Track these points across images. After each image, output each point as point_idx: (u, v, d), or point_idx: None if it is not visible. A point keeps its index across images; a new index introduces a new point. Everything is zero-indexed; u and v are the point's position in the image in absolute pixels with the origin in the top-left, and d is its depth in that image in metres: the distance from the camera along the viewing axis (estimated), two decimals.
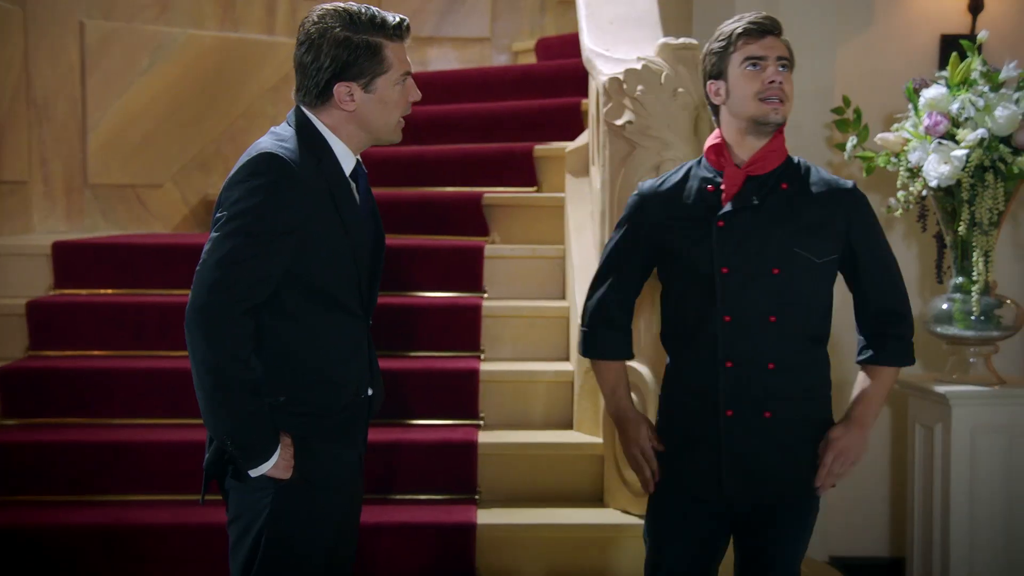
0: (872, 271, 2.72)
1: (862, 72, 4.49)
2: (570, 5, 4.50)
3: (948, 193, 3.82)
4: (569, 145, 4.69)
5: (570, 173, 4.57)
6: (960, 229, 3.79)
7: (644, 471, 2.78)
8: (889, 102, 4.33)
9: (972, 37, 3.90)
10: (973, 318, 3.87)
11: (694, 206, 2.70)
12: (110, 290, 4.43)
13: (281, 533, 2.49)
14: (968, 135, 3.72)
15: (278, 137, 2.52)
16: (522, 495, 3.86)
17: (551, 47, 6.13)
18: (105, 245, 4.58)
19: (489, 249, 4.52)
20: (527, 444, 3.92)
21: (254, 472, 2.46)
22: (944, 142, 3.76)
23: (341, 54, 2.46)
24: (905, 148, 3.90)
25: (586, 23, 4.16)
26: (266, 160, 2.45)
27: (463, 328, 4.29)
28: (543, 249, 4.54)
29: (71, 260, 4.47)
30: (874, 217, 2.74)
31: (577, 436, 3.97)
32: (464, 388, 4.07)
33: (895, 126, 3.97)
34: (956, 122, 3.80)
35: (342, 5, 2.51)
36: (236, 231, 2.41)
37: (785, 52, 2.66)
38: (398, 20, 2.52)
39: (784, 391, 2.65)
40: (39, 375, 4.05)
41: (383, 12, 2.51)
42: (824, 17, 4.53)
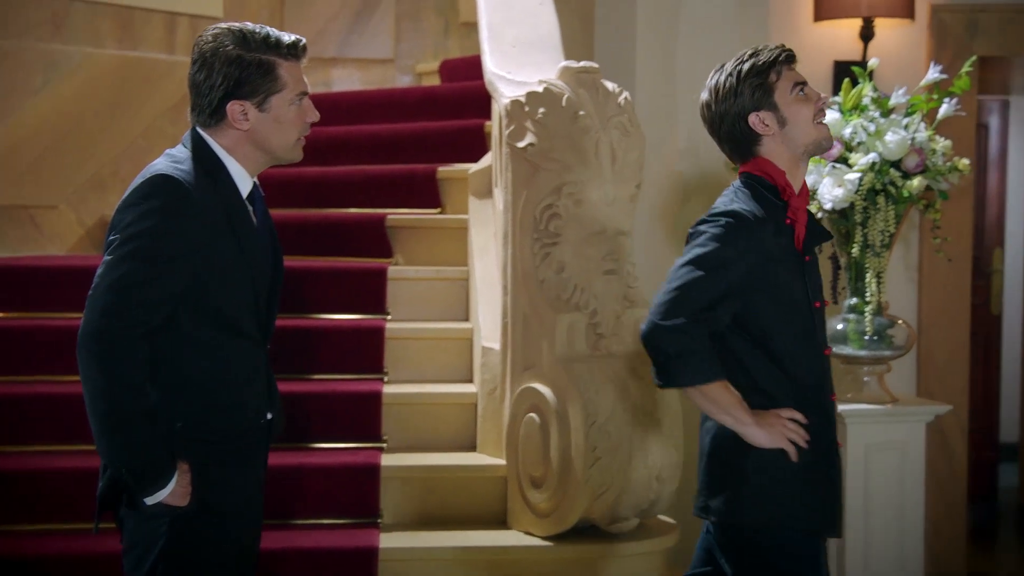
0: None
1: None
2: (474, 28, 4.52)
3: (842, 216, 3.92)
4: (472, 167, 4.70)
5: (473, 195, 4.57)
6: (854, 251, 3.89)
7: (800, 429, 2.58)
8: None
9: (864, 64, 4.02)
10: (867, 338, 3.97)
11: (782, 236, 2.61)
12: (1, 313, 4.32)
13: (178, 562, 2.44)
14: (860, 159, 3.82)
15: (173, 159, 2.49)
16: (426, 518, 3.84)
17: (455, 69, 6.14)
18: None
19: (392, 271, 4.50)
20: (430, 467, 3.91)
21: (150, 500, 2.41)
22: (838, 166, 3.86)
23: (233, 72, 2.45)
24: None
25: (488, 46, 4.18)
26: (161, 182, 2.42)
27: (366, 350, 4.26)
28: (447, 271, 4.53)
29: None
30: None
31: (481, 458, 3.96)
32: (367, 411, 4.04)
33: None
34: (849, 146, 3.90)
35: (237, 25, 2.50)
36: (130, 254, 2.38)
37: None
38: (293, 40, 2.51)
39: None
40: None
41: (278, 32, 2.50)
42: (722, 42, 4.61)
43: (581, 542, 3.62)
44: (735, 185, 2.67)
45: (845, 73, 4.17)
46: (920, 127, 3.88)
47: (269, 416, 2.62)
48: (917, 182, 3.83)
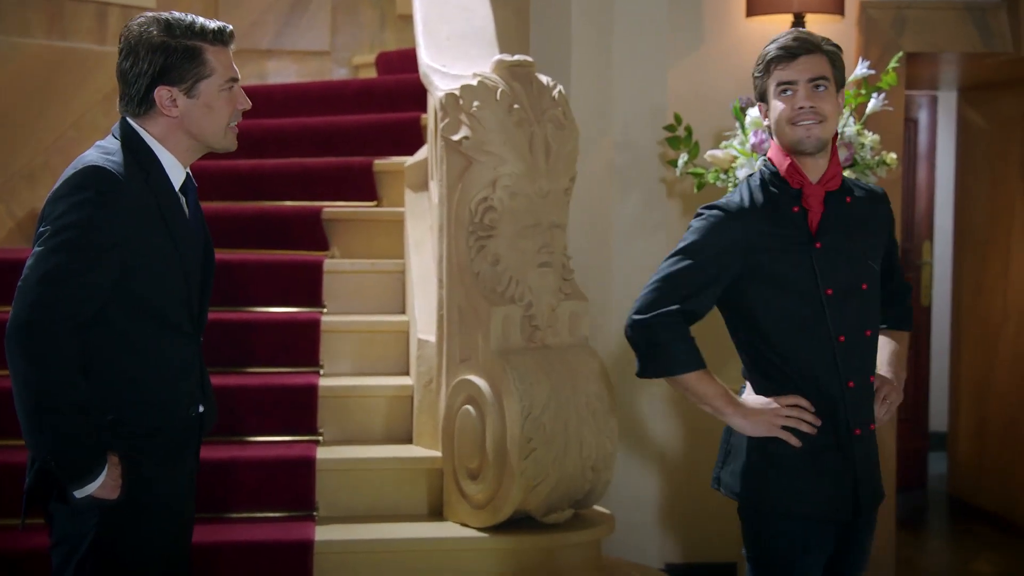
0: (891, 261, 2.84)
1: (693, 91, 4.63)
2: (411, 20, 4.51)
3: None
4: (409, 160, 4.70)
5: (409, 188, 4.57)
6: None
7: (805, 415, 2.63)
8: (718, 120, 4.48)
9: None
10: None
11: (785, 226, 2.64)
12: None
13: (107, 556, 2.43)
14: None
15: (104, 150, 2.47)
16: (362, 511, 3.84)
17: (392, 62, 6.13)
18: None
19: (329, 264, 4.49)
20: (366, 459, 3.91)
21: (79, 493, 2.39)
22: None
23: (158, 59, 2.45)
24: (733, 164, 4.04)
25: (423, 39, 4.18)
26: (92, 173, 2.40)
27: (302, 343, 4.25)
28: (383, 264, 4.53)
29: None
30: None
31: (417, 450, 3.97)
32: (303, 404, 4.04)
33: (724, 143, 4.11)
34: None
35: (164, 13, 2.50)
36: (60, 246, 2.36)
37: (821, 71, 2.62)
38: (219, 26, 2.52)
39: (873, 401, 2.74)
40: None
41: (204, 19, 2.50)
42: (656, 37, 4.66)
43: (517, 533, 3.65)
44: (756, 171, 2.76)
45: None
46: (849, 121, 3.95)
47: (201, 409, 2.61)
48: (846, 175, 3.89)
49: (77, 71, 5.64)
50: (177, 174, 2.54)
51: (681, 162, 4.22)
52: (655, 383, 4.22)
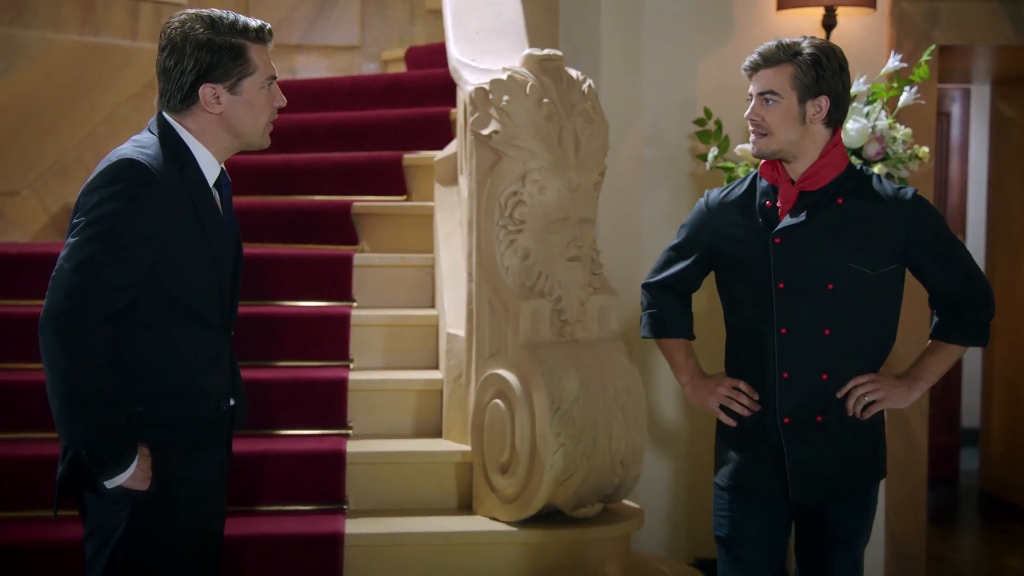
0: (936, 270, 2.80)
1: (723, 84, 4.61)
2: (440, 14, 4.51)
3: None
4: (438, 154, 4.70)
5: (439, 182, 4.57)
6: None
7: (740, 397, 2.86)
8: None
9: None
10: None
11: (754, 220, 2.82)
12: None
13: (139, 547, 2.45)
14: None
15: (139, 144, 2.49)
16: (391, 504, 3.85)
17: (421, 56, 6.13)
18: None
19: (358, 258, 4.50)
20: (396, 453, 3.92)
21: (110, 483, 2.41)
22: None
23: (204, 56, 2.47)
24: None
25: (452, 33, 4.18)
26: (126, 166, 2.42)
27: (332, 337, 4.26)
28: (412, 258, 4.53)
29: None
30: (937, 219, 2.81)
31: (446, 444, 3.97)
32: (332, 398, 4.05)
33: None
34: None
35: (204, 11, 2.52)
36: (94, 236, 2.38)
37: (772, 84, 2.76)
38: (260, 24, 2.55)
39: (839, 399, 2.78)
40: None
41: (245, 17, 2.53)
42: (686, 32, 4.64)
43: (546, 527, 3.65)
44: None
45: None
46: (881, 115, 3.92)
47: (232, 403, 2.62)
48: (877, 169, 3.87)
49: (109, 67, 5.68)
50: (212, 170, 2.56)
51: (711, 156, 4.21)
52: None
